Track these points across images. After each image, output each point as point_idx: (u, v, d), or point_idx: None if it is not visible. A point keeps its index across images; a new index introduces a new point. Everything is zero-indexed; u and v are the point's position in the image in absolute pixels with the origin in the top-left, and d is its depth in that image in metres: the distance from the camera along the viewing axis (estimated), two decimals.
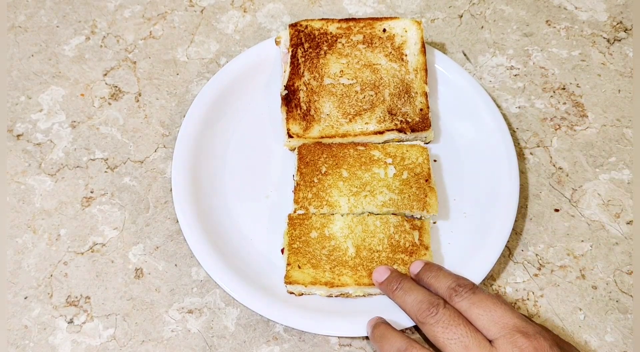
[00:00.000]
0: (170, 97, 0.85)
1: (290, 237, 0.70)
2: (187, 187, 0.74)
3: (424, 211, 0.71)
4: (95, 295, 0.72)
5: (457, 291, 0.60)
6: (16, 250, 0.74)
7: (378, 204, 0.71)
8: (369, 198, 0.71)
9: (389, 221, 0.70)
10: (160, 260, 0.74)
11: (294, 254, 0.69)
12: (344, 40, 0.81)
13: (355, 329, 0.66)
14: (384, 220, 0.70)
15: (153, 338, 0.69)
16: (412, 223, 0.71)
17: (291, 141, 0.76)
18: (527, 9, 0.94)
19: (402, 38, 0.80)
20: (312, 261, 0.68)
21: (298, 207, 0.71)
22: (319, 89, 0.78)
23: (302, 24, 0.82)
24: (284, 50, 0.82)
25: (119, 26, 0.91)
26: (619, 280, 0.73)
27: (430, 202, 0.71)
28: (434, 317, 0.58)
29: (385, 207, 0.71)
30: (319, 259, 0.68)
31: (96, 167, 0.80)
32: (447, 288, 0.61)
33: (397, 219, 0.71)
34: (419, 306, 0.60)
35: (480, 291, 0.60)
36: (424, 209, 0.71)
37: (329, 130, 0.76)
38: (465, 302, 0.59)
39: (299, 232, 0.70)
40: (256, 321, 0.71)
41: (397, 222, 0.70)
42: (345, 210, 0.71)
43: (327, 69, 0.79)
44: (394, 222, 0.70)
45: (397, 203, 0.71)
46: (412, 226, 0.71)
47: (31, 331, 0.70)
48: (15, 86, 0.85)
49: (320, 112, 0.76)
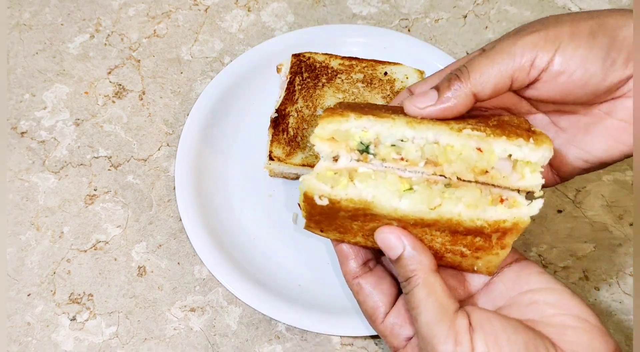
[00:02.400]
0: (174, 95, 0.85)
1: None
2: (190, 185, 0.74)
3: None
4: (98, 292, 0.72)
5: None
6: (19, 247, 0.74)
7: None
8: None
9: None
10: (163, 258, 0.74)
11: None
12: (344, 76, 0.81)
13: (358, 328, 0.66)
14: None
15: (155, 336, 0.70)
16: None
17: (271, 164, 0.76)
18: (532, 9, 0.94)
19: (402, 83, 0.80)
20: (339, 229, 0.56)
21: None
22: (310, 118, 0.78)
23: (305, 55, 0.82)
24: (283, 78, 0.82)
25: (123, 24, 0.91)
26: (622, 281, 0.73)
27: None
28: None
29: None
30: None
31: (100, 165, 0.80)
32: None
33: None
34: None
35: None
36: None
37: (311, 160, 0.75)
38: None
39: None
40: (258, 319, 0.71)
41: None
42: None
43: (322, 100, 0.79)
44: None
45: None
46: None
47: (34, 328, 0.70)
48: (19, 84, 0.85)
49: (307, 140, 0.77)
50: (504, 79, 0.52)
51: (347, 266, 0.57)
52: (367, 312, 0.57)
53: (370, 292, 0.56)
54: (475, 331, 0.47)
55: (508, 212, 0.49)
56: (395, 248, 0.51)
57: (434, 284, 0.50)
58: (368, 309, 0.56)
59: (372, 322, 0.56)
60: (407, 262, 0.51)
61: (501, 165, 0.50)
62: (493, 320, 0.48)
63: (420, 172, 0.51)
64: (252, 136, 0.81)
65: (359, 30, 0.88)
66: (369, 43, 0.86)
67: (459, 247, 0.53)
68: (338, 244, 0.58)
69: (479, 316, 0.49)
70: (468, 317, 0.48)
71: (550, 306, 0.51)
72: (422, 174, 0.51)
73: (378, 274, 0.57)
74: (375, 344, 0.70)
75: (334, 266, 0.74)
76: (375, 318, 0.56)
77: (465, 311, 0.49)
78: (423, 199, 0.49)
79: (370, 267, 0.57)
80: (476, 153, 0.50)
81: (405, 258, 0.51)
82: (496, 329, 0.47)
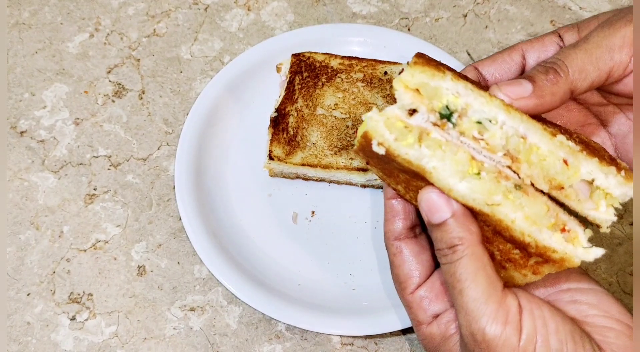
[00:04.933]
0: (174, 94, 0.85)
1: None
2: (190, 184, 0.74)
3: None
4: (98, 292, 0.72)
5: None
6: (19, 247, 0.74)
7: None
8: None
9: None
10: (162, 257, 0.74)
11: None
12: (343, 75, 0.81)
13: (358, 328, 0.66)
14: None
15: (155, 336, 0.69)
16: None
17: (271, 163, 0.76)
18: (532, 8, 0.94)
19: None
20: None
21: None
22: (310, 118, 0.78)
23: (305, 55, 0.82)
24: (282, 77, 0.82)
25: (122, 24, 0.91)
26: (622, 281, 0.73)
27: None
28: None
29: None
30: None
31: (99, 165, 0.80)
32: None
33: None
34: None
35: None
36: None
37: (311, 159, 0.75)
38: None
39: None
40: (258, 319, 0.71)
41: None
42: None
43: (322, 100, 0.79)
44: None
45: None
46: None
47: (33, 328, 0.70)
48: (19, 83, 0.85)
49: (307, 140, 0.77)
50: (602, 75, 0.49)
51: (392, 224, 0.53)
52: (398, 278, 0.53)
53: (408, 259, 0.53)
54: (524, 313, 0.45)
55: (562, 245, 0.46)
56: (442, 211, 0.46)
57: (483, 258, 0.46)
58: (401, 275, 0.53)
59: (401, 291, 0.53)
60: (453, 229, 0.46)
61: (580, 186, 0.46)
62: (542, 306, 0.47)
63: (496, 161, 0.46)
64: (251, 136, 0.81)
65: (359, 29, 0.88)
66: (369, 42, 0.86)
67: (493, 249, 0.49)
68: (389, 199, 0.54)
69: (529, 299, 0.47)
70: (517, 298, 0.46)
71: (592, 307, 0.49)
72: (496, 164, 0.46)
73: (422, 243, 0.54)
74: (375, 344, 0.70)
75: (334, 265, 0.73)
76: (405, 286, 0.53)
77: (513, 291, 0.47)
78: (485, 190, 0.45)
79: (415, 233, 0.54)
80: (561, 164, 0.46)
81: (451, 224, 0.46)
82: (545, 314, 0.46)
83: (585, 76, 0.49)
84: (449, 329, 0.51)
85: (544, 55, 0.55)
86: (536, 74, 0.49)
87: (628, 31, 0.49)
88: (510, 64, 0.55)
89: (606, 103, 0.57)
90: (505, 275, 0.50)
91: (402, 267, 0.53)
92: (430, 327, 0.52)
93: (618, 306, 0.50)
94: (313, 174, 0.77)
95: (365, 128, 0.46)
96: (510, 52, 0.55)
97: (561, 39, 0.55)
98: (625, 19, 0.50)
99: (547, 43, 0.55)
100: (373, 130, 0.45)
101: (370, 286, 0.72)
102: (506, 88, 0.48)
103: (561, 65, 0.49)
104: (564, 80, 0.48)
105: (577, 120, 0.59)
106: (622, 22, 0.50)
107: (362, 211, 0.76)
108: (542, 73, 0.49)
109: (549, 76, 0.48)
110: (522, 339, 0.45)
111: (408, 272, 0.53)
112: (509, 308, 0.45)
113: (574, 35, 0.54)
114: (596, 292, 0.51)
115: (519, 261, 0.48)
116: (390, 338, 0.70)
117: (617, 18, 0.51)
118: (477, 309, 0.45)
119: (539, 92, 0.48)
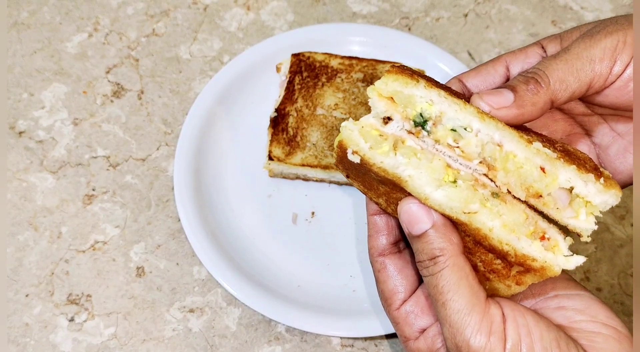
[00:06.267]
0: (173, 95, 0.85)
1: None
2: (189, 185, 0.74)
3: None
4: (97, 293, 0.72)
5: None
6: (17, 247, 0.74)
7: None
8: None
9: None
10: (161, 259, 0.74)
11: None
12: (343, 75, 0.81)
13: (358, 329, 0.66)
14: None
15: (154, 337, 0.69)
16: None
17: (271, 164, 0.75)
18: (533, 8, 0.93)
19: None
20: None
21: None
22: (310, 118, 0.78)
23: (305, 55, 0.82)
24: (282, 77, 0.82)
25: (121, 23, 0.90)
26: (624, 282, 0.73)
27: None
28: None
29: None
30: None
31: (98, 165, 0.79)
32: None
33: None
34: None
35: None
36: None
37: (311, 160, 0.75)
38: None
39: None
40: (258, 320, 0.70)
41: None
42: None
43: (322, 100, 0.79)
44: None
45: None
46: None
47: (32, 329, 0.69)
48: (17, 83, 0.85)
49: (307, 140, 0.76)
50: (582, 87, 0.49)
51: (376, 240, 0.53)
52: (383, 294, 0.53)
53: (392, 274, 0.52)
54: (507, 322, 0.45)
55: (542, 253, 0.45)
56: (422, 222, 0.46)
57: (465, 268, 0.46)
58: (386, 291, 0.53)
59: (387, 307, 0.53)
60: (434, 239, 0.46)
61: (559, 194, 0.46)
62: (526, 314, 0.46)
63: (472, 169, 0.46)
64: (251, 136, 0.80)
65: (359, 29, 0.87)
66: (369, 42, 0.85)
67: (475, 260, 0.49)
68: (372, 215, 0.54)
69: (512, 307, 0.46)
70: (500, 307, 0.46)
71: (579, 312, 0.49)
72: (472, 172, 0.46)
73: (406, 258, 0.54)
74: (375, 346, 0.69)
75: (334, 266, 0.73)
76: (391, 303, 0.53)
77: (496, 300, 0.47)
78: (462, 198, 0.45)
79: (400, 249, 0.54)
80: (538, 172, 0.45)
81: (432, 235, 0.46)
82: (529, 322, 0.46)
83: (565, 87, 0.49)
84: (435, 343, 0.51)
85: (527, 66, 0.55)
86: (517, 83, 0.49)
87: (608, 43, 0.49)
88: (494, 76, 0.55)
89: (590, 113, 0.58)
90: (490, 287, 0.50)
91: (387, 283, 0.53)
92: (418, 342, 0.52)
93: (606, 311, 0.50)
94: (313, 175, 0.76)
95: (340, 137, 0.46)
96: (494, 64, 0.56)
97: (544, 50, 0.55)
98: (606, 31, 0.50)
99: (530, 54, 0.55)
100: (348, 139, 0.46)
101: (370, 288, 0.71)
102: (488, 97, 0.48)
103: (542, 75, 0.49)
104: (545, 91, 0.49)
105: (563, 129, 0.60)
106: (603, 34, 0.50)
107: (362, 211, 0.76)
108: (523, 83, 0.49)
109: (529, 86, 0.49)
110: (506, 348, 0.45)
111: (393, 288, 0.53)
112: (492, 318, 0.45)
113: (557, 46, 0.55)
114: (583, 297, 0.51)
115: (502, 271, 0.48)
116: (390, 340, 0.70)
117: (599, 29, 0.51)
118: (460, 320, 0.45)
119: (520, 102, 0.48)
